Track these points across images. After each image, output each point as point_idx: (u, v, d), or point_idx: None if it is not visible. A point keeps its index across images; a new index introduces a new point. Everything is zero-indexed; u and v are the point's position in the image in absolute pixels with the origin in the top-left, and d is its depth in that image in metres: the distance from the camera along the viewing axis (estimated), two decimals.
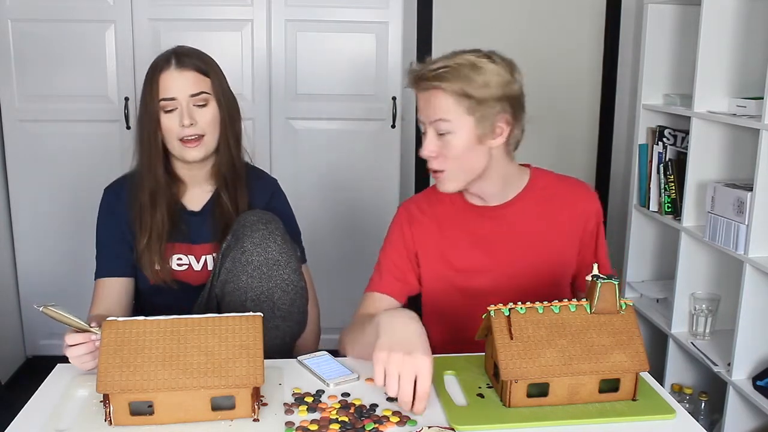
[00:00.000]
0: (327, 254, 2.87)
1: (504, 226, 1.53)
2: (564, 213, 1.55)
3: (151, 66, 1.57)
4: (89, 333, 1.27)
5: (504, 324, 1.20)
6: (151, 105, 1.54)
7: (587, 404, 1.19)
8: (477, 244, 1.54)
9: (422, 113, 1.45)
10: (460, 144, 1.41)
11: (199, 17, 2.75)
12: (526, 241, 1.53)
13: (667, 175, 2.57)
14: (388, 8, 2.80)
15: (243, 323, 1.17)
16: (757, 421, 2.17)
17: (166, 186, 1.60)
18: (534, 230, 1.53)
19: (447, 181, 1.47)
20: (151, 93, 1.53)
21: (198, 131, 1.55)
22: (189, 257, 1.63)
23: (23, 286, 2.89)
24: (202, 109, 1.56)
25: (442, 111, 1.40)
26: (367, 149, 2.91)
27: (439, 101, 1.40)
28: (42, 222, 2.83)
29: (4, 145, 2.80)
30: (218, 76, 1.60)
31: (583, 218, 1.56)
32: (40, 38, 2.72)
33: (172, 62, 1.54)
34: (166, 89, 1.53)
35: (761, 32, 2.33)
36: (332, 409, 1.19)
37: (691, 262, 2.47)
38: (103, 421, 1.13)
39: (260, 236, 1.46)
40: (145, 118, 1.56)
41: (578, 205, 1.56)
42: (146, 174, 1.58)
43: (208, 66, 1.58)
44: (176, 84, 1.53)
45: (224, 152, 1.61)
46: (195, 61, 1.56)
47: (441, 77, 1.38)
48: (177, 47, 1.59)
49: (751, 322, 2.11)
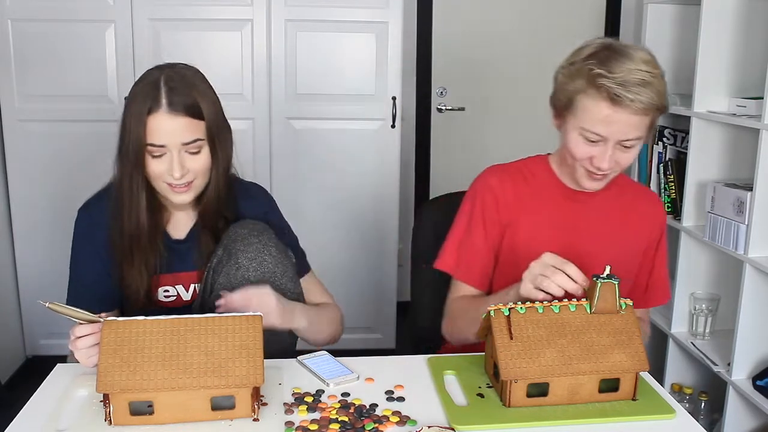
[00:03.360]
0: (327, 254, 2.87)
1: (590, 211, 1.50)
2: (635, 214, 1.53)
3: (138, 95, 1.36)
4: (98, 324, 1.22)
5: (504, 324, 1.20)
6: (137, 145, 1.35)
7: (587, 404, 1.19)
8: (557, 224, 1.50)
9: (609, 128, 1.34)
10: (635, 153, 1.40)
11: (199, 17, 2.75)
12: (604, 230, 1.51)
13: (667, 174, 2.57)
14: (388, 8, 2.80)
15: (243, 323, 1.17)
16: (757, 421, 2.17)
17: (148, 227, 1.44)
18: (613, 221, 1.52)
19: (605, 182, 1.44)
20: (137, 132, 1.34)
21: (189, 178, 1.40)
22: (177, 287, 1.52)
23: (23, 285, 2.89)
24: (194, 156, 1.39)
25: (637, 130, 1.35)
26: (367, 149, 2.91)
27: (638, 121, 1.34)
28: (42, 222, 2.83)
29: (4, 145, 2.80)
30: (212, 110, 1.40)
31: (650, 223, 1.54)
32: (40, 38, 2.72)
33: (163, 103, 1.33)
34: (155, 135, 1.34)
35: (761, 32, 2.33)
36: (332, 409, 1.19)
37: (691, 262, 2.47)
38: (103, 421, 1.13)
39: (254, 250, 1.42)
40: (127, 158, 1.37)
41: (649, 209, 1.55)
42: (126, 218, 1.42)
43: (203, 101, 1.38)
44: (167, 131, 1.34)
45: (213, 186, 1.47)
46: (187, 99, 1.35)
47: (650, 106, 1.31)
48: (166, 72, 1.37)
49: (751, 322, 2.11)
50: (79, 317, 1.23)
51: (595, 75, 1.32)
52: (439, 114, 3.52)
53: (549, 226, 1.49)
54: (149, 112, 1.33)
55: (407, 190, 3.43)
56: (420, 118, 3.49)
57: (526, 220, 1.50)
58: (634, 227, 1.53)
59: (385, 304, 3.01)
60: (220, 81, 2.75)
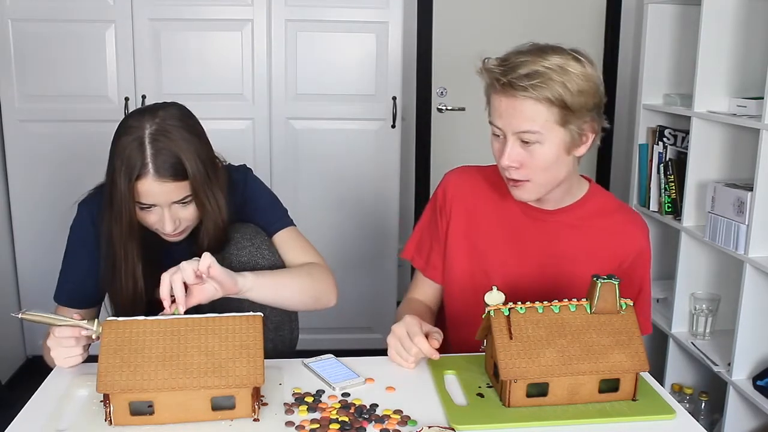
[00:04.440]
0: (326, 254, 2.85)
1: (547, 231, 1.45)
2: (602, 242, 1.44)
3: (123, 155, 1.33)
4: (77, 328, 1.25)
5: (504, 324, 1.20)
6: (125, 200, 1.36)
7: (587, 404, 1.19)
8: (511, 240, 1.47)
9: (503, 120, 1.31)
10: (549, 155, 1.31)
11: (199, 17, 2.75)
12: (561, 251, 1.45)
13: (668, 175, 2.57)
14: (388, 8, 2.80)
15: (243, 323, 1.17)
16: (757, 421, 2.17)
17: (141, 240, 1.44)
18: (573, 243, 1.44)
19: (527, 192, 1.37)
20: (127, 191, 1.34)
21: (181, 228, 1.42)
22: None
23: (23, 286, 2.89)
24: (185, 207, 1.40)
25: (531, 122, 1.28)
26: (367, 149, 2.91)
27: (529, 110, 1.28)
28: (42, 222, 2.82)
29: (4, 145, 2.80)
30: (196, 165, 1.37)
31: (622, 253, 1.45)
32: (40, 38, 2.72)
33: (150, 170, 1.33)
34: (144, 197, 1.36)
35: (761, 32, 2.33)
36: (332, 409, 1.19)
37: (691, 262, 2.47)
38: (103, 421, 1.13)
39: (247, 254, 1.43)
40: (115, 210, 1.38)
41: (621, 237, 1.45)
42: (124, 282, 1.43)
43: (187, 158, 1.35)
44: (156, 194, 1.36)
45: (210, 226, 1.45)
46: (172, 160, 1.34)
47: (533, 86, 1.25)
48: (150, 128, 1.35)
49: (751, 322, 2.11)
50: (55, 323, 1.26)
51: (489, 68, 1.32)
52: (439, 114, 3.52)
53: (503, 238, 1.48)
54: (138, 177, 1.33)
55: (407, 190, 3.43)
56: (420, 118, 3.49)
57: (482, 224, 1.50)
58: (599, 255, 1.43)
59: (385, 304, 3.00)
60: (220, 81, 2.81)
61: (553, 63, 1.27)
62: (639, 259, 1.47)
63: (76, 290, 1.51)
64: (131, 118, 1.39)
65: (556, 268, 1.45)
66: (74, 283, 1.52)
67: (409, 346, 1.32)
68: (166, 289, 1.24)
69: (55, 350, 1.28)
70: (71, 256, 1.53)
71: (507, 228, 1.48)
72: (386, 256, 2.99)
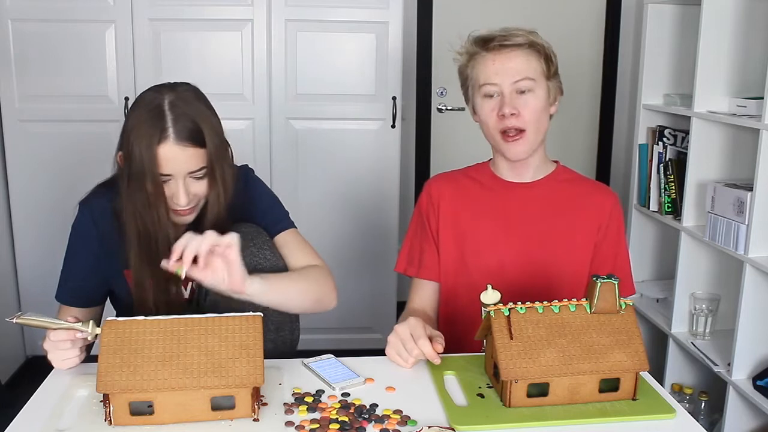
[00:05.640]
0: (326, 254, 2.85)
1: (530, 200, 1.57)
2: (582, 208, 1.58)
3: (143, 123, 1.34)
4: (72, 331, 1.26)
5: (504, 324, 1.20)
6: (148, 165, 1.34)
7: (587, 404, 1.19)
8: (497, 217, 1.57)
9: (500, 76, 1.48)
10: (539, 105, 1.48)
11: (199, 17, 2.75)
12: (543, 218, 1.56)
13: (667, 174, 2.57)
14: (388, 8, 2.80)
15: (243, 323, 1.17)
16: (757, 421, 2.17)
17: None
18: (555, 209, 1.57)
19: (524, 143, 1.50)
20: (149, 157, 1.34)
21: (193, 203, 1.43)
22: None
23: (23, 286, 2.89)
24: (198, 182, 1.41)
25: (526, 70, 1.47)
26: (367, 149, 2.91)
27: (523, 61, 1.47)
28: (42, 222, 2.83)
29: (4, 145, 2.80)
30: (214, 136, 1.39)
31: (598, 213, 1.58)
32: (40, 38, 2.72)
33: (170, 134, 1.33)
34: (164, 165, 1.35)
35: (761, 32, 2.33)
36: (332, 409, 1.19)
37: (691, 262, 2.47)
38: (103, 421, 1.13)
39: (249, 254, 1.42)
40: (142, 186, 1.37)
41: (597, 199, 1.59)
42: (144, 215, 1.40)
43: (206, 127, 1.38)
44: (175, 161, 1.36)
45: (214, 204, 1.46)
46: (191, 125, 1.36)
47: (522, 43, 1.47)
48: (169, 97, 1.37)
49: (751, 322, 2.11)
50: (50, 326, 1.26)
51: (471, 41, 1.53)
52: (439, 114, 3.52)
53: (490, 216, 1.57)
54: (159, 142, 1.33)
55: (407, 190, 3.43)
56: (420, 118, 3.49)
57: (468, 209, 1.59)
58: (580, 217, 1.57)
59: (385, 304, 3.01)
60: (220, 81, 2.81)
61: (525, 31, 1.51)
62: (613, 221, 1.58)
63: (77, 288, 1.51)
64: (148, 92, 1.41)
65: (542, 236, 1.55)
66: (76, 282, 1.52)
67: (411, 348, 1.33)
68: (183, 242, 1.24)
69: (51, 353, 1.29)
70: (72, 254, 1.53)
71: (491, 206, 1.58)
72: (386, 256, 2.99)
